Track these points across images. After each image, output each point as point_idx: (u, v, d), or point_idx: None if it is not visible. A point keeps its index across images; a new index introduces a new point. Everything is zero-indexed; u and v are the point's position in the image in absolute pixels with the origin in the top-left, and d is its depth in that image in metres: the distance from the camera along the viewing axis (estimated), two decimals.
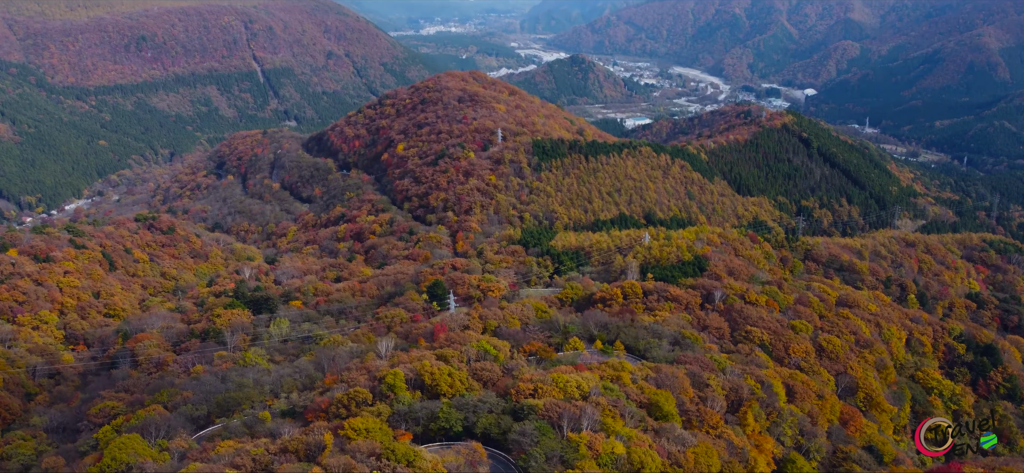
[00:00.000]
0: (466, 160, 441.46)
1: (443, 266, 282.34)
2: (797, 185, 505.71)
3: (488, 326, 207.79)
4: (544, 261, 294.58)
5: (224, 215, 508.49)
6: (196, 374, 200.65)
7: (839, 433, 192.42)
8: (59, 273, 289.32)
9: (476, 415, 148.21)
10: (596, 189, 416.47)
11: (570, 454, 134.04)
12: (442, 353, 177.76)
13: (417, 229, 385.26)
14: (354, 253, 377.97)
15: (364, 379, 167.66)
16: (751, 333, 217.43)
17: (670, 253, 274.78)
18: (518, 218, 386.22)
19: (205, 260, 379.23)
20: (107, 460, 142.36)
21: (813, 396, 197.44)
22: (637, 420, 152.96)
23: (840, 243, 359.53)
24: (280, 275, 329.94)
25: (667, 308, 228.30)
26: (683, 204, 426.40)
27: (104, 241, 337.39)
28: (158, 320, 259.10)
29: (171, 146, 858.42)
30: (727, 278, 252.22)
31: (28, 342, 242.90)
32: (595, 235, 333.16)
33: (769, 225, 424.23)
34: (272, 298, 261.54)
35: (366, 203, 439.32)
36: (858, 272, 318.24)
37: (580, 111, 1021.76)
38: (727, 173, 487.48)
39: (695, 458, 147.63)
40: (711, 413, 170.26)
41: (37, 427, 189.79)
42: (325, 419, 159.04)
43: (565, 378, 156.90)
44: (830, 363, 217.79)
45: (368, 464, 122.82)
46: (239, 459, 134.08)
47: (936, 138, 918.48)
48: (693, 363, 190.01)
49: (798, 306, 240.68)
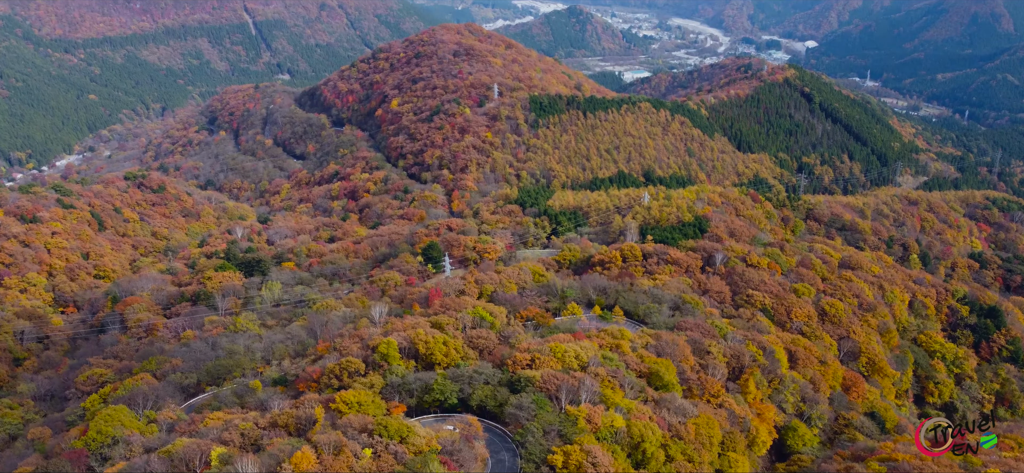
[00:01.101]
0: (462, 116, 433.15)
1: (438, 227, 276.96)
2: (798, 141, 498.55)
3: (484, 291, 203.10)
4: (541, 221, 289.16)
5: (216, 172, 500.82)
6: (186, 340, 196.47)
7: (841, 399, 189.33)
8: (47, 234, 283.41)
9: (472, 387, 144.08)
10: (594, 146, 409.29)
11: (568, 428, 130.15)
12: (437, 320, 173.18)
13: (412, 187, 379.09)
14: (348, 212, 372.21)
15: (357, 348, 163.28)
16: (753, 297, 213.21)
17: (670, 214, 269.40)
18: (515, 176, 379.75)
19: (197, 219, 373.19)
20: (92, 433, 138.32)
21: (815, 362, 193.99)
22: (637, 391, 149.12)
23: (842, 202, 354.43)
24: (273, 235, 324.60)
25: (667, 271, 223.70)
26: (683, 161, 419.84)
27: (93, 200, 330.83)
28: (148, 282, 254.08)
29: (162, 100, 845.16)
30: (728, 240, 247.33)
31: (15, 306, 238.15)
32: (593, 194, 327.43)
33: (770, 183, 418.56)
34: (264, 260, 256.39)
35: (360, 160, 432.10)
36: (860, 231, 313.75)
37: (578, 64, 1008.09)
38: (728, 129, 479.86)
39: (696, 429, 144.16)
40: (712, 381, 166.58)
41: (24, 395, 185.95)
42: (316, 390, 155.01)
43: (563, 348, 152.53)
44: (832, 327, 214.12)
45: (360, 441, 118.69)
46: (228, 434, 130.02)
47: (938, 91, 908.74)
48: (694, 329, 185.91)
49: (800, 269, 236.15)
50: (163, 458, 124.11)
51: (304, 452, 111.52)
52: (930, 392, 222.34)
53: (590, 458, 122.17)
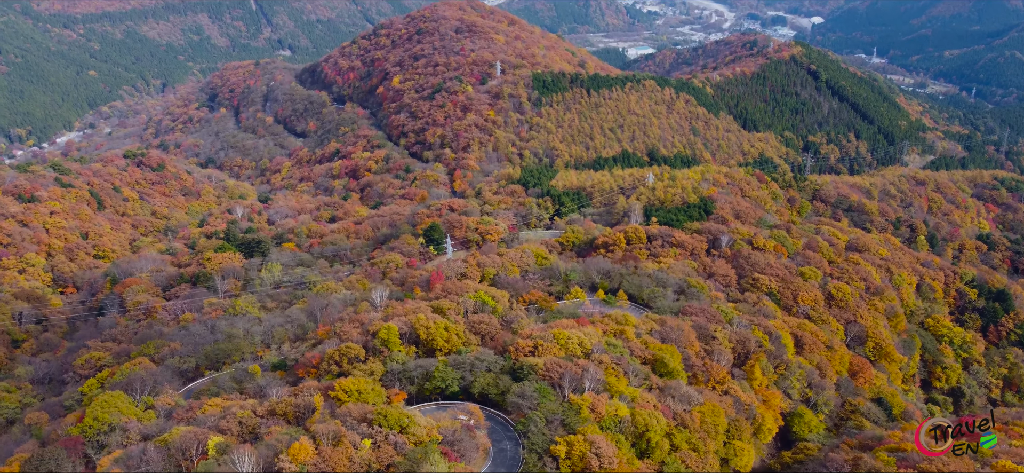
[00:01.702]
0: (464, 94, 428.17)
1: (440, 207, 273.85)
2: (804, 120, 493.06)
3: (486, 274, 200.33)
4: (544, 202, 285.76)
5: (217, 150, 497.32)
6: (185, 323, 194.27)
7: (848, 385, 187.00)
8: (45, 213, 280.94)
9: (473, 375, 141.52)
10: (598, 125, 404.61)
11: (572, 418, 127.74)
12: (438, 305, 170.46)
13: (414, 166, 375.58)
14: (349, 191, 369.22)
15: (357, 333, 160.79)
16: (759, 281, 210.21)
17: (675, 194, 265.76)
18: (517, 155, 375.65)
19: (197, 198, 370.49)
20: (89, 420, 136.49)
21: (822, 347, 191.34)
22: (641, 378, 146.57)
23: (849, 182, 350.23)
24: (273, 214, 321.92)
25: (672, 254, 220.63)
26: (687, 140, 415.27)
27: (92, 179, 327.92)
28: (148, 263, 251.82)
29: (163, 76, 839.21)
30: (734, 222, 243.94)
31: (14, 287, 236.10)
32: (597, 174, 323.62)
33: (776, 162, 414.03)
34: (264, 241, 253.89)
35: (361, 139, 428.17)
36: (867, 213, 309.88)
37: (581, 40, 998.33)
38: (733, 108, 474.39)
39: (701, 418, 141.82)
40: (717, 368, 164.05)
41: (22, 378, 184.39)
42: (316, 376, 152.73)
43: (566, 334, 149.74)
44: (839, 311, 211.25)
45: (359, 431, 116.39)
46: (226, 422, 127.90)
47: (945, 68, 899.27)
48: (699, 314, 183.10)
49: (807, 251, 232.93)
50: (159, 447, 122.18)
51: (302, 443, 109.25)
52: (937, 377, 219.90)
53: (594, 449, 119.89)
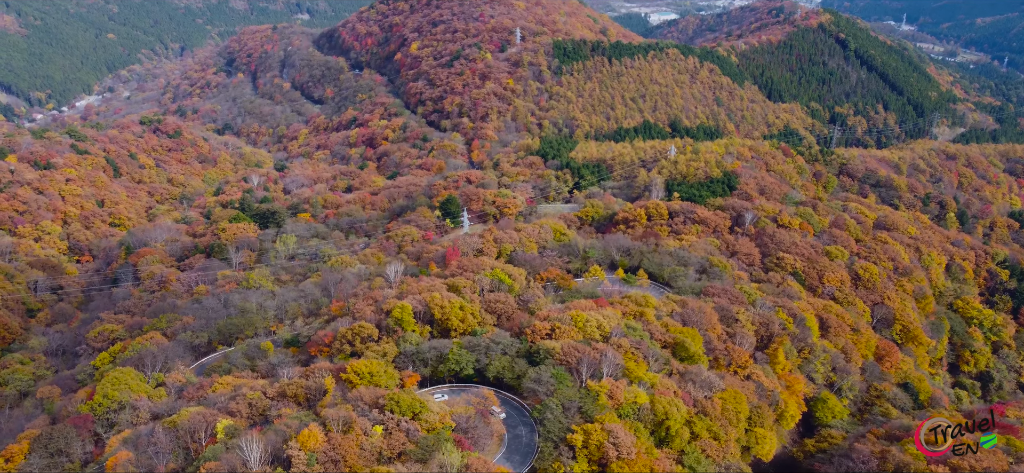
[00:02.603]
0: (483, 62, 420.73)
1: (457, 178, 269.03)
2: (831, 90, 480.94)
3: (503, 250, 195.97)
4: (563, 174, 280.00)
5: (234, 116, 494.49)
6: (198, 295, 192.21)
7: (874, 369, 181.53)
8: (61, 181, 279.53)
9: (488, 358, 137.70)
10: (619, 94, 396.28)
11: (589, 405, 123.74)
12: (453, 283, 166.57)
13: (431, 136, 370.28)
14: (366, 160, 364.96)
15: (370, 311, 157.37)
16: (783, 260, 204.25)
17: (698, 169, 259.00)
18: (536, 126, 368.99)
19: (213, 165, 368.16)
20: (99, 398, 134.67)
21: (847, 330, 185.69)
22: (661, 363, 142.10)
23: (877, 156, 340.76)
24: (289, 183, 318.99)
25: (694, 231, 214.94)
26: (711, 111, 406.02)
27: (108, 146, 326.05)
28: (163, 232, 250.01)
29: (181, 40, 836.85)
30: (758, 198, 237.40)
31: (29, 255, 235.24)
32: (618, 145, 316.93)
33: (801, 134, 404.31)
34: (279, 212, 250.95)
35: (378, 106, 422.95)
36: (895, 188, 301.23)
37: (603, 5, 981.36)
38: (758, 77, 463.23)
39: (722, 404, 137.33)
40: (740, 352, 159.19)
41: (36, 350, 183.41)
42: (328, 355, 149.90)
43: (584, 317, 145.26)
44: (866, 293, 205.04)
45: (370, 417, 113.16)
46: (235, 404, 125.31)
47: (976, 36, 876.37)
48: (721, 295, 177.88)
49: (834, 230, 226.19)
50: (168, 428, 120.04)
51: (312, 430, 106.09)
52: (965, 361, 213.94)
53: (611, 438, 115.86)
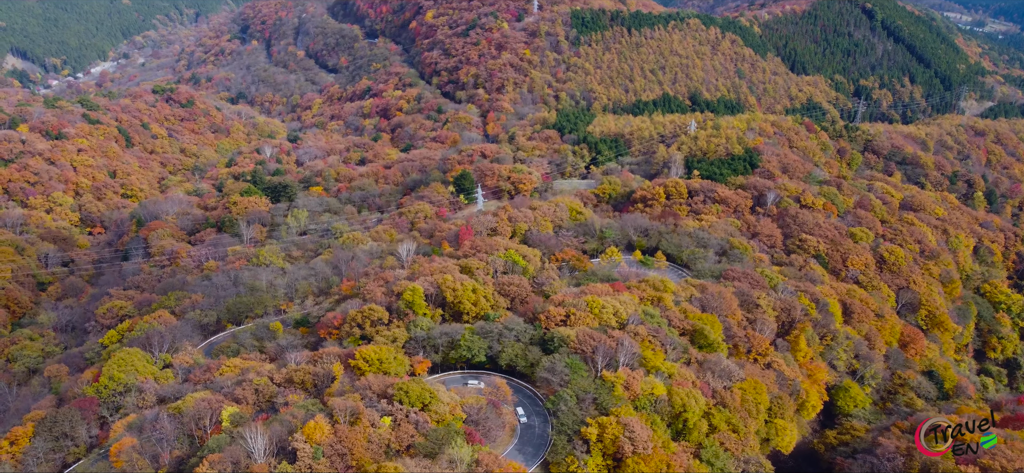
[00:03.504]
0: (499, 31, 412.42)
1: (472, 153, 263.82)
2: (857, 62, 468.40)
3: (518, 230, 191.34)
4: (580, 149, 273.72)
5: (248, 84, 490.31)
6: (208, 271, 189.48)
7: (898, 357, 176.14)
8: (73, 151, 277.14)
9: (501, 344, 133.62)
10: (639, 66, 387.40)
11: (604, 396, 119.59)
12: (466, 264, 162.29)
13: (446, 107, 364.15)
14: (380, 131, 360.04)
15: (381, 293, 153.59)
16: (806, 242, 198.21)
17: (718, 145, 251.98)
18: (553, 98, 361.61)
19: (226, 135, 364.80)
20: (104, 380, 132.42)
21: (871, 315, 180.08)
22: (679, 351, 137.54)
23: (903, 132, 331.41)
24: (302, 155, 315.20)
25: (714, 211, 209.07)
26: (732, 83, 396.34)
27: (120, 115, 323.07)
28: (174, 205, 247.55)
29: (196, 5, 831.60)
30: (781, 176, 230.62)
31: (40, 227, 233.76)
32: (636, 119, 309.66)
33: (824, 108, 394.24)
34: (291, 185, 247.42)
35: (393, 76, 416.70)
36: (922, 166, 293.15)
37: None
38: (781, 49, 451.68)
39: (742, 395, 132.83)
40: (760, 339, 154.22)
41: (45, 326, 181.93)
42: (337, 338, 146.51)
43: (600, 303, 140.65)
44: (891, 276, 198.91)
45: (378, 408, 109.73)
46: (242, 390, 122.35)
47: (1005, 5, 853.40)
48: (742, 279, 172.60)
49: (858, 210, 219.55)
50: (173, 415, 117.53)
51: (318, 421, 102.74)
52: (992, 347, 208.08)
53: (627, 432, 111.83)
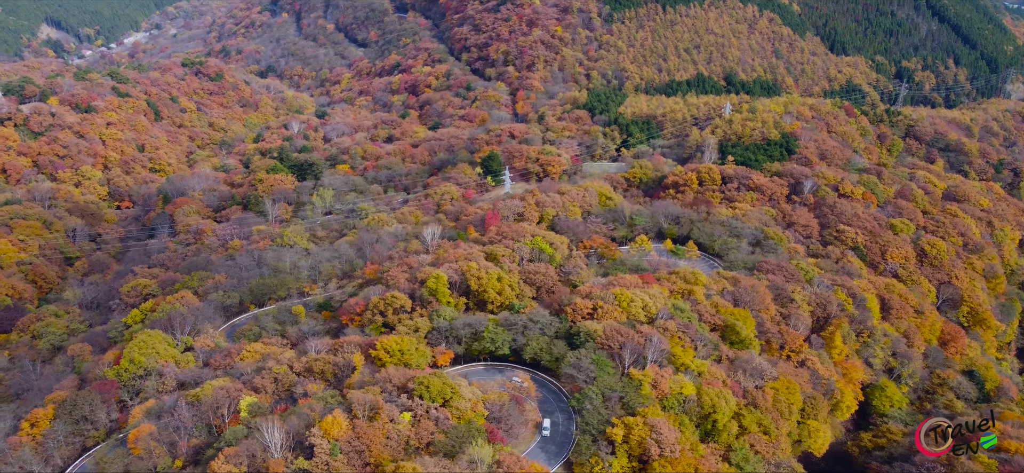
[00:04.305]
0: (530, 7, 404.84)
1: (500, 133, 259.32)
2: (899, 42, 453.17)
3: (545, 216, 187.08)
4: (611, 131, 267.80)
5: (277, 57, 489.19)
6: (233, 251, 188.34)
7: (937, 355, 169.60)
8: (102, 124, 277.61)
9: (525, 337, 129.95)
10: (673, 45, 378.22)
11: (631, 395, 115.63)
12: (492, 251, 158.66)
13: (475, 84, 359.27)
14: (408, 108, 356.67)
15: (404, 279, 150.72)
16: (844, 233, 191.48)
17: (754, 129, 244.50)
18: (584, 76, 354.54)
19: (254, 110, 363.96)
20: (125, 363, 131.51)
21: (910, 312, 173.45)
22: (710, 348, 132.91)
23: (946, 117, 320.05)
24: (329, 131, 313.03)
25: (748, 199, 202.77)
26: (769, 64, 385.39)
27: (149, 89, 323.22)
28: (201, 181, 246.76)
29: None
30: (819, 163, 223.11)
31: (68, 201, 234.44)
32: (669, 100, 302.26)
33: (864, 90, 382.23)
34: (317, 163, 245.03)
35: (422, 52, 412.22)
36: (966, 153, 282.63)
37: None
38: (820, 28, 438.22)
39: (774, 395, 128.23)
40: (794, 336, 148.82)
41: (71, 302, 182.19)
42: (359, 325, 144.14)
43: (629, 296, 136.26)
44: (932, 270, 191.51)
45: (398, 403, 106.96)
46: (261, 378, 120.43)
47: None
48: (776, 272, 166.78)
49: (899, 200, 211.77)
50: (192, 403, 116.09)
51: (336, 416, 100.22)
52: None
53: (654, 434, 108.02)
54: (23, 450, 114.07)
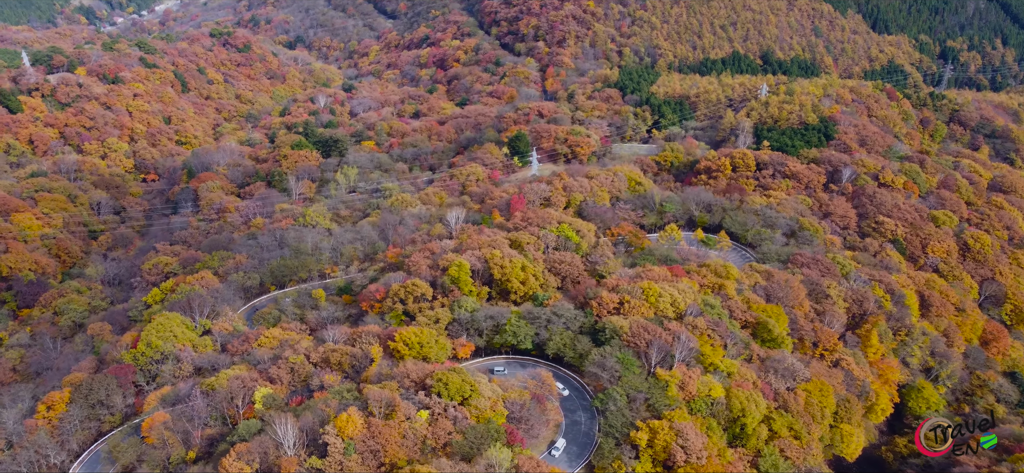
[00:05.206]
0: None
1: (528, 111, 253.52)
2: (945, 21, 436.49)
3: (572, 201, 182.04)
4: (642, 112, 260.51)
5: (306, 28, 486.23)
6: (255, 229, 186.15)
7: (978, 355, 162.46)
8: (129, 96, 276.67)
9: (549, 332, 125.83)
10: (708, 21, 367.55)
11: (657, 397, 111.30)
12: (516, 238, 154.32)
13: (504, 59, 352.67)
14: (436, 82, 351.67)
15: (426, 266, 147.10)
16: (883, 225, 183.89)
17: (791, 112, 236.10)
18: (616, 53, 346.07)
19: (282, 82, 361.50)
20: (142, 346, 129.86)
21: (951, 309, 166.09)
22: (741, 347, 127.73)
23: (993, 101, 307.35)
24: (356, 106, 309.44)
25: (784, 187, 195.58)
26: (808, 42, 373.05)
27: (177, 59, 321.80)
28: (226, 155, 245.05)
29: None
30: (858, 150, 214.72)
31: (94, 174, 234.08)
32: (703, 80, 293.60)
33: (906, 70, 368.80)
34: (342, 140, 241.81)
35: (451, 25, 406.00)
36: (1013, 140, 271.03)
37: None
38: (862, 5, 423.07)
39: (806, 398, 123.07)
40: (828, 334, 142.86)
41: (93, 278, 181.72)
42: (379, 313, 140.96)
43: (657, 290, 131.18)
44: (975, 266, 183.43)
45: (415, 401, 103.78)
46: (277, 370, 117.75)
47: None
48: (811, 265, 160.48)
49: (942, 191, 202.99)
50: (206, 392, 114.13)
51: (351, 414, 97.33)
52: None
53: (680, 439, 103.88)
54: (39, 434, 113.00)
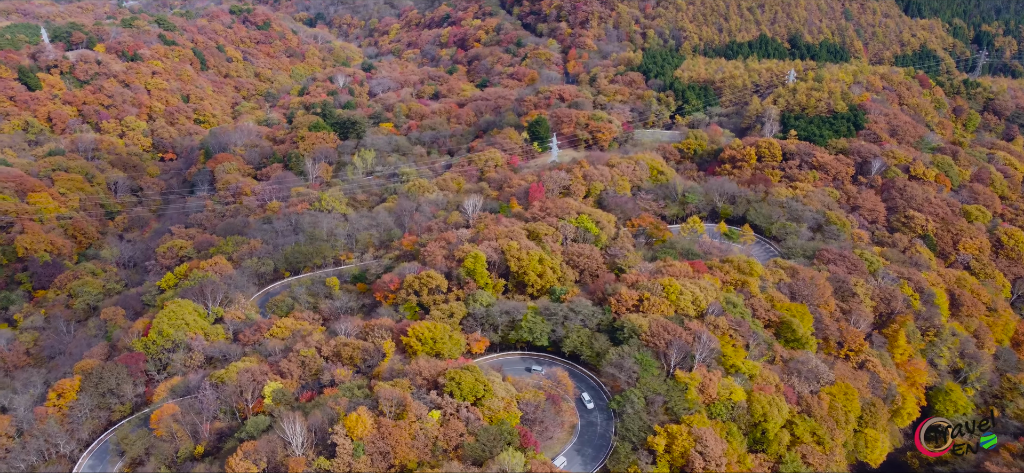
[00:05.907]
0: None
1: (549, 95, 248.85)
2: (979, 4, 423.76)
3: (592, 190, 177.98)
4: (665, 97, 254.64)
5: (326, 4, 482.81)
6: (271, 213, 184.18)
7: (1009, 357, 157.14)
8: (147, 73, 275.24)
9: (565, 329, 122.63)
10: (735, 3, 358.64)
11: (676, 400, 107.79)
12: (534, 229, 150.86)
13: (525, 40, 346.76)
14: (456, 63, 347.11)
15: (441, 256, 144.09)
16: (913, 220, 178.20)
17: (819, 100, 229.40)
18: (640, 35, 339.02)
19: (301, 60, 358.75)
20: (153, 335, 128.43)
21: (982, 309, 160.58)
22: (763, 348, 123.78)
23: None
24: (375, 86, 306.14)
25: (811, 178, 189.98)
26: (837, 26, 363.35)
27: (196, 36, 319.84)
28: (243, 135, 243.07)
29: None
30: (889, 141, 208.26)
31: (111, 153, 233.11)
32: (729, 64, 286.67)
33: (939, 55, 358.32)
34: (360, 122, 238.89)
35: (473, 3, 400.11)
36: None
37: None
38: None
39: (830, 402, 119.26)
40: (854, 334, 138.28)
41: (108, 260, 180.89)
42: (393, 303, 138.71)
43: (678, 287, 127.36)
44: (1008, 264, 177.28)
45: (427, 401, 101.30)
46: (287, 363, 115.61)
47: None
48: (838, 261, 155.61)
49: (975, 184, 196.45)
50: (216, 384, 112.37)
51: (360, 414, 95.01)
52: None
53: (699, 445, 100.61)
54: (49, 422, 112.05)
